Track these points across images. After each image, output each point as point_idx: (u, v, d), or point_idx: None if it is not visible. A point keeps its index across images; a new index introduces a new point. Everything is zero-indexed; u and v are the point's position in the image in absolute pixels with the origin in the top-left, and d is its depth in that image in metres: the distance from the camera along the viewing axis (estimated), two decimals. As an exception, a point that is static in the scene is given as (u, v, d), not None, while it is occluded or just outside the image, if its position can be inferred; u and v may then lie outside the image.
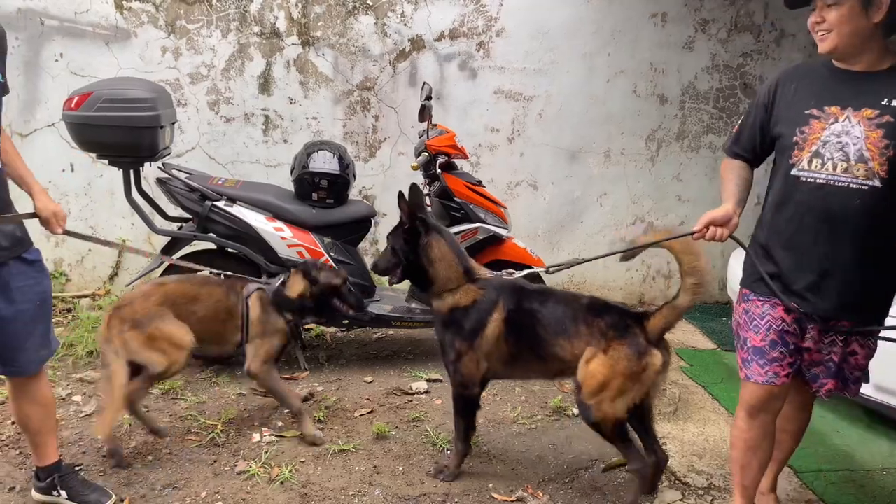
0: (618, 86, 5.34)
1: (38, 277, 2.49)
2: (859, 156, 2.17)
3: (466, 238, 4.19)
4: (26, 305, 2.43)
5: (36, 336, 2.50)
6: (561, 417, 3.70)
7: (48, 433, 2.71)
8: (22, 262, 2.42)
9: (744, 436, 2.52)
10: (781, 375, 2.38)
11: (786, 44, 5.51)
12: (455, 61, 5.09)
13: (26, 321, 2.44)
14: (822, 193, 2.24)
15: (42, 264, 2.52)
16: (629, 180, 5.54)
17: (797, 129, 2.28)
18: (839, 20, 2.17)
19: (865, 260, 2.24)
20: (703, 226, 2.43)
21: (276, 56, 4.89)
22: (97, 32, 4.62)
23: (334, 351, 4.50)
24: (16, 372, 2.53)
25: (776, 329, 2.37)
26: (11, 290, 2.38)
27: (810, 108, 2.27)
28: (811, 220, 2.27)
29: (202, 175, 4.09)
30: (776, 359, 2.37)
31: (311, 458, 3.19)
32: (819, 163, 2.23)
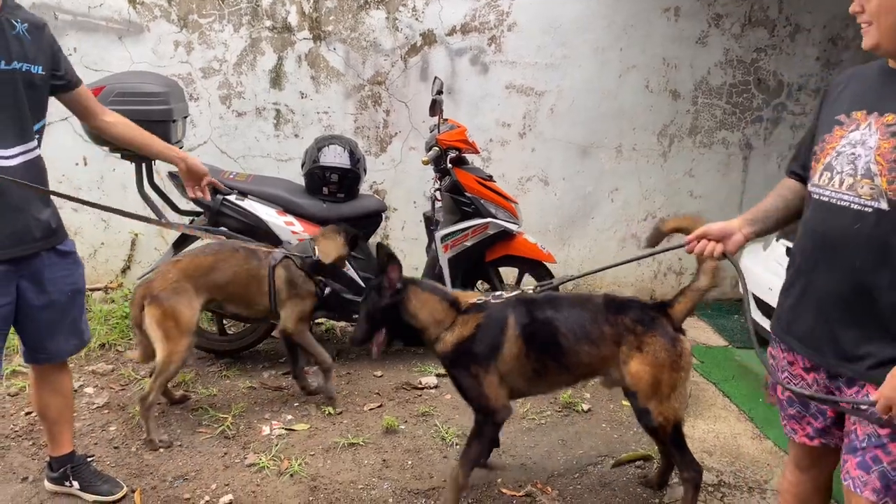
0: (630, 81, 5.31)
1: (72, 269, 2.54)
2: (866, 170, 1.72)
3: (476, 233, 4.19)
4: (58, 296, 2.48)
5: (66, 326, 2.56)
6: (570, 413, 3.70)
7: (65, 423, 2.76)
8: (55, 254, 2.47)
9: (792, 489, 2.17)
10: (801, 434, 2.01)
11: (800, 39, 5.45)
12: (466, 56, 5.08)
13: (58, 311, 2.50)
14: (823, 214, 1.83)
15: (76, 256, 2.58)
16: (641, 176, 5.51)
17: (822, 136, 1.89)
18: (880, 8, 1.70)
19: (864, 302, 1.73)
20: (695, 237, 2.14)
21: (287, 50, 4.89)
22: (110, 27, 4.64)
23: (344, 345, 4.51)
24: (44, 360, 2.59)
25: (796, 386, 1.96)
26: (44, 281, 2.43)
27: (840, 114, 1.85)
28: (810, 246, 1.88)
29: (213, 169, 4.09)
30: (794, 416, 2.03)
31: (320, 452, 3.21)
32: (828, 177, 1.82)
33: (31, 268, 2.38)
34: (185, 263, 3.31)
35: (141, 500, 2.80)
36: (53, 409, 2.69)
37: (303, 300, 3.54)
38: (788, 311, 1.95)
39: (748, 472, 3.20)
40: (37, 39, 2.33)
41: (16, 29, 2.25)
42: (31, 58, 2.30)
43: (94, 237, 4.90)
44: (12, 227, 2.30)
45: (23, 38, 2.27)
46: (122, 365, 4.05)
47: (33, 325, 2.46)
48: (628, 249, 5.63)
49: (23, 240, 2.33)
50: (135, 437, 3.26)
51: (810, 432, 1.99)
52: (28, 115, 2.32)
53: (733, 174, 5.65)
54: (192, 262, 3.33)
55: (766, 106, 5.54)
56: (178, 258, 3.39)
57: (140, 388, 3.74)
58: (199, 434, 3.32)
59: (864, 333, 1.75)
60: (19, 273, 2.36)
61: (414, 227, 5.19)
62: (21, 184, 2.27)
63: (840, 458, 1.85)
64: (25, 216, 2.34)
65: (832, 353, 1.81)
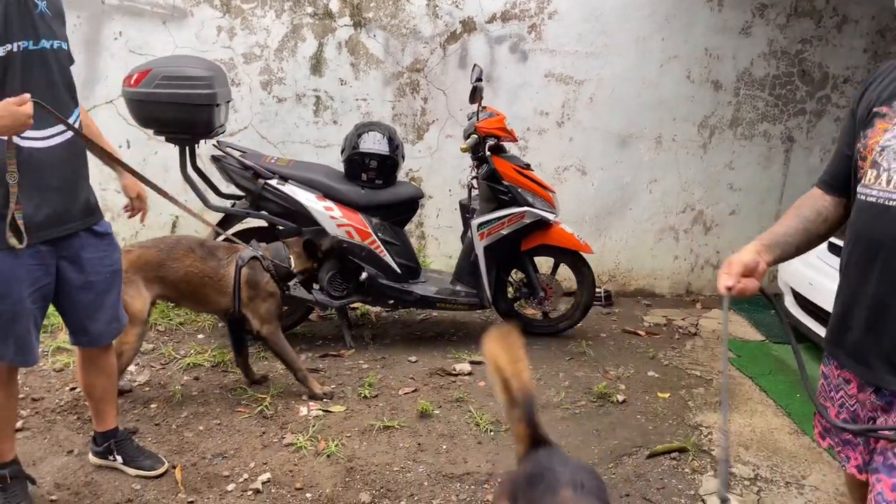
0: (671, 71, 5.25)
1: (109, 250, 2.55)
2: None
3: (513, 222, 4.19)
4: (97, 277, 2.49)
5: (107, 308, 2.57)
6: (605, 403, 3.69)
7: (109, 401, 2.82)
8: (92, 234, 2.48)
9: None
10: (851, 466, 1.82)
11: (847, 30, 5.34)
12: (506, 44, 5.05)
13: (97, 292, 2.51)
14: (870, 216, 1.66)
15: (113, 238, 2.59)
16: (680, 167, 5.45)
17: (863, 132, 1.71)
18: None
19: None
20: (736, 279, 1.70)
21: (328, 37, 4.92)
22: (155, 11, 4.70)
23: (379, 330, 4.55)
24: (87, 343, 2.61)
25: (849, 409, 1.80)
26: (82, 261, 2.44)
27: (880, 105, 1.68)
28: (859, 252, 1.71)
29: (255, 153, 4.15)
30: (848, 441, 1.83)
31: (356, 434, 3.24)
32: (874, 175, 1.65)
33: (70, 248, 2.40)
34: (135, 256, 3.20)
35: (181, 476, 2.86)
36: (99, 389, 2.76)
37: (265, 301, 3.43)
38: (839, 324, 1.78)
39: (785, 466, 3.17)
40: (56, 15, 2.31)
41: (38, 7, 2.22)
42: (57, 34, 2.29)
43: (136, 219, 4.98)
44: (52, 207, 2.31)
45: (45, 15, 2.24)
46: (162, 344, 4.13)
47: (74, 306, 2.49)
48: (666, 241, 5.58)
49: (62, 220, 2.34)
50: (175, 415, 3.33)
51: (860, 464, 1.79)
52: (63, 94, 2.32)
53: (774, 167, 5.56)
54: (142, 256, 3.22)
55: (809, 98, 5.44)
56: (129, 248, 3.27)
57: (180, 368, 3.82)
58: (238, 413, 3.38)
59: None
60: (59, 254, 2.37)
61: (449, 214, 5.20)
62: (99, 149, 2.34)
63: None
64: (64, 196, 2.35)
65: (885, 368, 1.64)
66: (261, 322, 3.45)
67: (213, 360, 3.91)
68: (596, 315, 5.01)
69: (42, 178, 2.27)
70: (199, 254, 3.34)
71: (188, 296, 3.37)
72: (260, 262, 3.43)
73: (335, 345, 4.24)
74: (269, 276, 3.44)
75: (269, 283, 3.44)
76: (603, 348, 4.45)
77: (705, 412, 3.65)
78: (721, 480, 1.52)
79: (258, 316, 3.44)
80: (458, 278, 4.36)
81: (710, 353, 4.47)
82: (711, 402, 3.76)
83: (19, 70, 2.15)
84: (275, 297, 3.47)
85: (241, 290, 3.38)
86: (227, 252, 3.42)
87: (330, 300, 4.10)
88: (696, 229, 5.59)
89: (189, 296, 3.37)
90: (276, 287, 3.47)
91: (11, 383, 2.46)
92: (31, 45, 2.18)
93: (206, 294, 3.36)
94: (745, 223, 5.61)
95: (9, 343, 2.30)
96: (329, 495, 2.79)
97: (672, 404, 3.73)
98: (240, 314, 3.45)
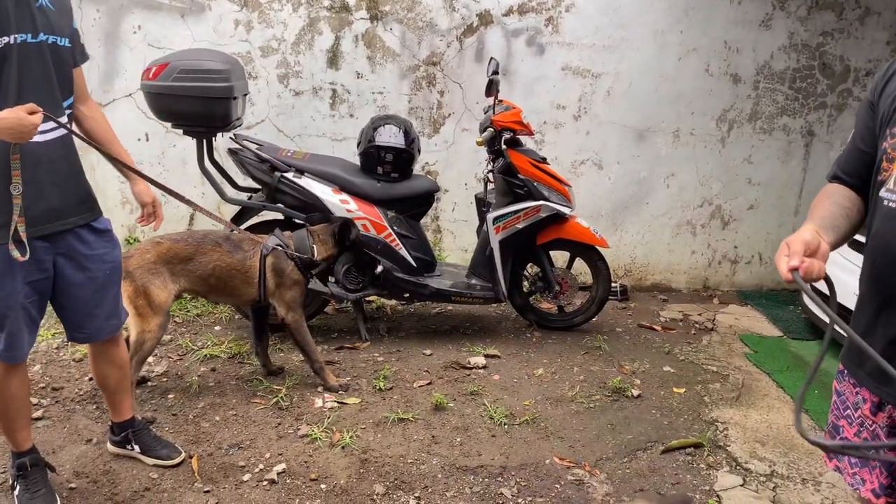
0: (689, 64, 5.20)
1: (108, 247, 2.53)
2: None
3: (529, 216, 4.18)
4: (97, 273, 2.48)
5: (106, 305, 2.56)
6: (620, 398, 3.68)
7: (123, 392, 2.85)
8: (90, 231, 2.46)
9: None
10: (867, 489, 1.69)
11: (870, 22, 5.26)
12: (523, 37, 5.03)
13: (95, 289, 2.49)
14: (892, 223, 1.52)
15: (112, 234, 2.57)
16: (698, 161, 5.41)
17: (890, 130, 1.54)
18: None
19: None
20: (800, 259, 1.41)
21: (344, 30, 4.93)
22: (173, 5, 4.73)
23: (394, 323, 4.57)
24: (83, 339, 2.62)
25: (869, 429, 1.67)
26: (81, 258, 2.43)
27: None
28: (883, 263, 1.55)
29: (272, 147, 4.17)
30: (866, 463, 1.69)
31: (371, 426, 3.26)
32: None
33: (67, 244, 2.38)
34: (165, 248, 3.22)
35: (198, 465, 2.89)
36: (112, 380, 2.77)
37: (290, 289, 3.48)
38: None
39: (801, 463, 3.15)
40: (61, 10, 2.29)
41: (38, 1, 2.19)
42: (57, 30, 2.25)
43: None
44: (49, 202, 2.29)
45: (46, 9, 2.22)
46: (179, 335, 4.17)
47: (71, 303, 2.47)
48: (683, 236, 5.54)
49: (59, 215, 2.33)
50: (192, 406, 3.37)
51: (876, 488, 1.66)
52: (57, 90, 2.30)
53: (794, 162, 5.51)
54: (171, 249, 3.24)
55: (830, 92, 5.37)
56: (160, 239, 3.28)
57: (197, 359, 3.86)
58: (254, 405, 3.41)
59: None
60: (56, 249, 2.36)
61: (465, 208, 5.20)
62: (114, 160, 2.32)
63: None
64: (61, 191, 2.34)
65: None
66: (286, 309, 3.50)
67: (229, 352, 3.94)
68: (611, 309, 4.99)
69: (38, 173, 2.26)
70: (226, 247, 3.38)
71: (216, 289, 3.40)
72: (284, 249, 3.47)
73: (350, 337, 4.26)
74: (294, 264, 3.48)
75: (293, 270, 3.49)
76: (618, 343, 4.44)
77: (721, 408, 3.63)
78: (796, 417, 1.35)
79: (284, 303, 3.49)
80: (474, 272, 4.36)
81: (726, 349, 4.44)
82: (727, 398, 3.74)
83: (16, 63, 2.13)
84: (299, 284, 3.52)
85: (267, 278, 3.43)
86: (252, 244, 3.46)
87: (346, 293, 4.12)
88: (713, 224, 5.55)
89: (217, 289, 3.40)
90: (300, 275, 3.51)
91: (14, 376, 2.43)
92: (29, 37, 2.15)
93: (235, 286, 3.40)
94: (764, 218, 5.56)
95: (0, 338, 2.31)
96: (343, 486, 2.80)
97: (687, 399, 3.71)
98: (266, 303, 3.50)
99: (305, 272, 3.55)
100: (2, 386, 2.43)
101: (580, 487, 2.88)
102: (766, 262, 5.61)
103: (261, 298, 3.46)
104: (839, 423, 1.76)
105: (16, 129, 2.04)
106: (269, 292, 3.46)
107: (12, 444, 2.57)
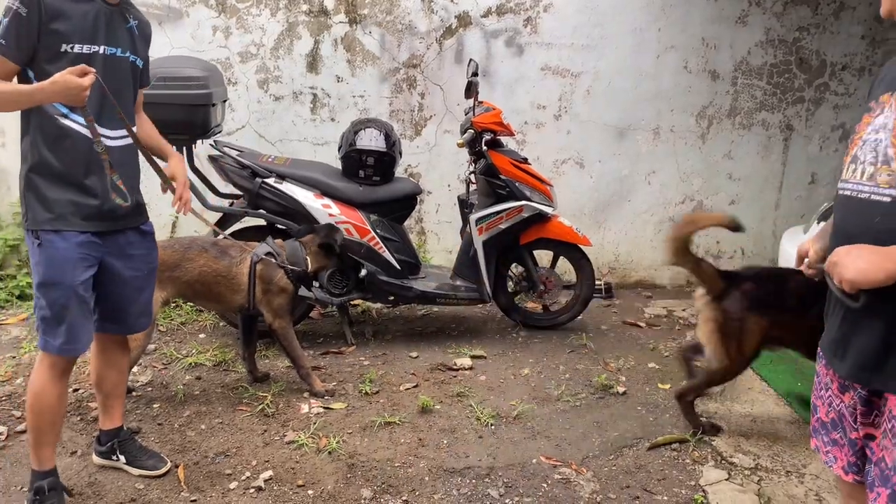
0: (668, 61, 5.24)
1: (150, 248, 2.69)
2: (885, 155, 1.56)
3: (511, 216, 4.19)
4: (138, 272, 2.62)
5: (140, 303, 2.68)
6: (606, 395, 3.69)
7: (117, 398, 2.87)
8: (138, 233, 2.61)
9: None
10: (837, 466, 1.79)
11: (845, 17, 5.32)
12: (502, 38, 5.05)
13: (135, 287, 2.63)
14: (844, 210, 1.67)
15: (154, 237, 2.72)
16: (679, 158, 5.45)
17: (854, 128, 1.71)
18: None
19: (885, 303, 1.54)
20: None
21: (323, 34, 4.92)
22: (151, 12, 4.71)
23: (380, 326, 4.57)
24: (114, 330, 2.70)
25: (836, 408, 1.76)
26: (127, 257, 2.56)
27: (870, 101, 1.69)
28: (833, 247, 1.65)
29: (252, 152, 4.16)
30: (836, 441, 1.79)
31: (357, 430, 3.26)
32: (852, 169, 1.65)
33: (116, 244, 2.51)
34: None
35: (184, 475, 2.88)
36: (108, 383, 2.81)
37: (278, 296, 3.48)
38: (827, 323, 1.76)
39: (785, 456, 3.18)
40: (143, 36, 2.55)
41: (129, 23, 2.47)
42: (140, 52, 2.53)
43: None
44: (110, 204, 2.43)
45: (133, 32, 2.48)
46: (164, 344, 4.15)
47: (111, 297, 2.58)
48: (665, 233, 5.57)
49: (115, 217, 2.47)
50: (178, 415, 3.35)
51: (845, 465, 1.76)
52: (131, 103, 2.55)
53: (773, 156, 5.56)
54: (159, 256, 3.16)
55: (807, 86, 5.43)
56: None
57: (182, 368, 3.84)
58: (240, 412, 3.39)
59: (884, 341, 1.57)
60: (105, 247, 2.47)
61: (448, 210, 5.21)
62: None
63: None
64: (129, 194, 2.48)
65: (853, 362, 1.63)
66: (274, 316, 3.50)
67: (214, 360, 3.93)
68: (596, 307, 5.01)
69: (104, 177, 2.40)
70: (212, 253, 3.39)
71: (202, 295, 3.43)
72: (274, 257, 3.48)
73: (336, 342, 4.26)
74: (283, 272, 3.49)
75: (281, 278, 3.49)
76: (603, 340, 4.46)
77: (706, 403, 3.65)
78: None
79: (271, 310, 3.50)
80: (458, 273, 4.36)
81: (710, 344, 4.47)
82: (712, 393, 3.76)
83: (101, 70, 2.31)
84: (287, 292, 3.52)
85: (256, 285, 3.43)
86: (239, 251, 3.46)
87: (330, 298, 4.12)
88: (695, 220, 5.58)
89: (203, 295, 3.43)
90: (288, 283, 3.51)
91: (59, 381, 2.50)
92: (118, 52, 2.41)
93: (220, 293, 3.42)
94: (745, 213, 5.60)
95: (59, 332, 2.38)
96: (331, 492, 2.80)
97: (672, 396, 3.73)
98: (254, 310, 3.50)
99: (297, 283, 3.56)
100: (44, 393, 2.47)
101: (567, 486, 2.89)
102: (748, 257, 5.66)
103: (250, 306, 3.46)
104: (816, 404, 1.85)
105: (68, 88, 2.16)
106: (257, 299, 3.46)
107: (35, 461, 2.55)
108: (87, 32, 2.31)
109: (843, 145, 5.57)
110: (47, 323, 2.40)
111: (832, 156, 5.58)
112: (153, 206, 2.89)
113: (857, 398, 1.68)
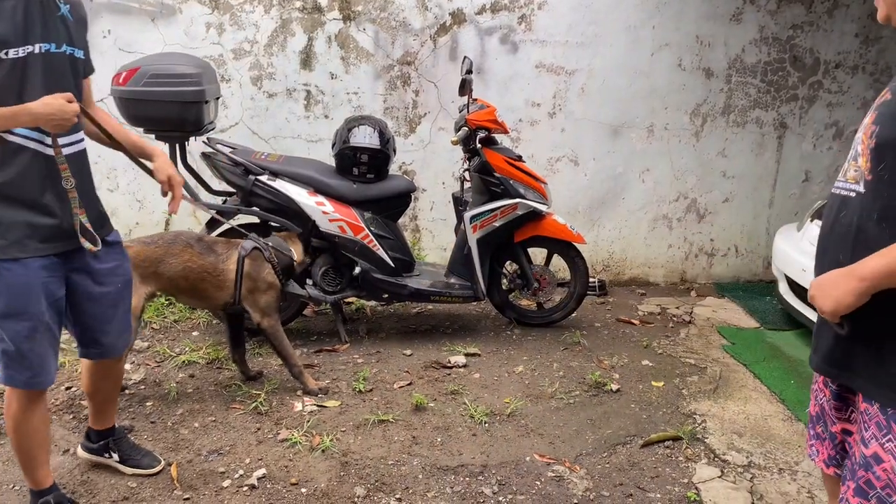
0: (662, 59, 5.24)
1: (120, 259, 2.49)
2: (855, 151, 1.61)
3: (506, 214, 4.19)
4: (109, 287, 2.43)
5: (118, 320, 2.51)
6: (599, 393, 3.70)
7: (112, 402, 2.83)
8: (104, 244, 2.39)
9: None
10: (819, 460, 1.83)
11: (839, 15, 5.33)
12: (496, 35, 5.05)
13: (109, 303, 2.45)
14: (828, 209, 1.71)
15: (122, 247, 2.53)
16: (673, 156, 5.45)
17: None
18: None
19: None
20: None
21: (317, 31, 4.91)
22: (144, 9, 4.69)
23: (374, 324, 4.56)
24: (98, 355, 2.55)
25: (819, 402, 1.81)
26: (95, 272, 2.37)
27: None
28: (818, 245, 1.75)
29: (246, 150, 4.15)
30: (818, 435, 1.83)
31: (351, 428, 3.25)
32: (843, 168, 1.69)
33: (81, 260, 2.32)
34: (134, 252, 3.10)
35: (177, 473, 2.87)
36: (103, 393, 2.73)
37: (265, 293, 3.44)
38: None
39: (778, 453, 3.19)
40: (78, 21, 2.24)
41: (60, 10, 2.15)
42: (76, 41, 2.22)
43: (129, 218, 4.99)
44: (66, 220, 2.23)
45: (66, 19, 2.17)
46: (157, 342, 4.14)
47: (86, 318, 2.42)
48: (659, 230, 5.59)
49: (73, 234, 2.25)
50: (171, 413, 3.34)
51: (826, 458, 1.81)
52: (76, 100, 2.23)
53: (767, 154, 5.56)
54: (141, 252, 3.18)
55: (801, 84, 5.44)
56: (129, 243, 3.14)
57: (175, 365, 3.83)
58: (233, 410, 3.39)
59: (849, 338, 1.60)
60: (71, 266, 2.30)
61: (443, 207, 5.20)
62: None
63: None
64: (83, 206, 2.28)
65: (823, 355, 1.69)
66: (261, 314, 3.46)
67: (207, 358, 3.92)
68: (590, 305, 5.02)
69: (57, 191, 2.20)
70: (197, 249, 3.33)
71: (186, 291, 3.35)
72: (262, 252, 3.44)
73: (330, 340, 4.25)
74: (271, 268, 3.45)
75: (269, 273, 3.45)
76: (597, 338, 4.47)
77: (699, 400, 3.67)
78: None
79: (258, 308, 3.45)
80: (453, 271, 4.36)
81: (704, 341, 4.48)
82: (705, 390, 3.78)
83: (41, 72, 2.09)
84: (274, 288, 3.48)
85: (242, 281, 3.38)
86: (225, 247, 3.41)
87: (324, 295, 4.11)
88: (689, 218, 5.59)
89: (187, 291, 3.35)
90: (275, 279, 3.47)
91: (36, 407, 2.34)
92: (53, 47, 2.12)
93: (205, 289, 3.35)
94: (739, 211, 5.62)
95: (24, 365, 2.22)
96: (324, 490, 2.80)
97: (666, 393, 3.74)
98: (240, 307, 3.46)
99: (283, 276, 3.53)
100: (23, 420, 2.32)
101: (560, 483, 2.90)
102: (742, 255, 5.67)
103: (236, 301, 3.42)
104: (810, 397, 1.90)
105: (58, 116, 2.03)
106: (243, 296, 3.42)
107: (31, 482, 2.45)
108: (19, 31, 2.02)
109: (837, 143, 5.58)
110: (10, 357, 2.20)
111: (826, 154, 5.59)
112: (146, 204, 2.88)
113: (829, 392, 1.74)
